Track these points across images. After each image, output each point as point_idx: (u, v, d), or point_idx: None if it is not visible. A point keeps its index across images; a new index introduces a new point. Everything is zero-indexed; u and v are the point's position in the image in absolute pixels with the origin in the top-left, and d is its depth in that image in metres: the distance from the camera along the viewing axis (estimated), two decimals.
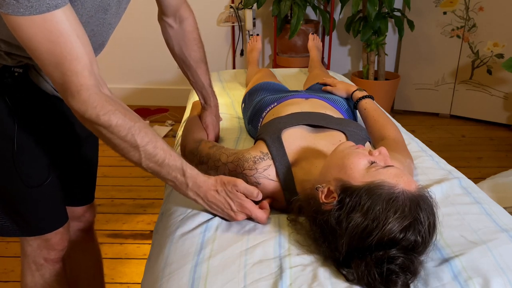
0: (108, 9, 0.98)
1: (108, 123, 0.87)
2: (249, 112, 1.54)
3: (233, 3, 3.46)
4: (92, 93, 0.85)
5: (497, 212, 1.05)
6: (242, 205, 0.98)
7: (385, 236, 0.80)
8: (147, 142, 0.91)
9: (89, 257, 1.48)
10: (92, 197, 1.38)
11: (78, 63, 0.83)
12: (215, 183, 0.98)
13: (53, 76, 0.84)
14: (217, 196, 0.98)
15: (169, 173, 0.96)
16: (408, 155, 1.21)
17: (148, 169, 0.95)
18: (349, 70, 3.72)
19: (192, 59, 1.32)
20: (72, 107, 0.87)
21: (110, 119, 0.87)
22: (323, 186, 0.92)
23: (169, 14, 1.25)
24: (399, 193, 0.83)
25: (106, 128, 0.88)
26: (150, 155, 0.92)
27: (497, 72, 3.24)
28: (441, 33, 3.34)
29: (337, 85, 1.57)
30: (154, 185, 2.52)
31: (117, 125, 0.88)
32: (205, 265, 0.87)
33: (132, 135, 0.90)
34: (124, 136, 0.89)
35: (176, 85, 3.71)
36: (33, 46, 0.80)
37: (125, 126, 0.89)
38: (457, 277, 0.83)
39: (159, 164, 0.94)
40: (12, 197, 1.09)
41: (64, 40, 0.80)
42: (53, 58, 0.81)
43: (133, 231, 2.12)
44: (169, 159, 0.95)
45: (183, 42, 1.29)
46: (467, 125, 3.39)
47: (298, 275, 0.84)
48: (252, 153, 1.11)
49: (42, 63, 0.82)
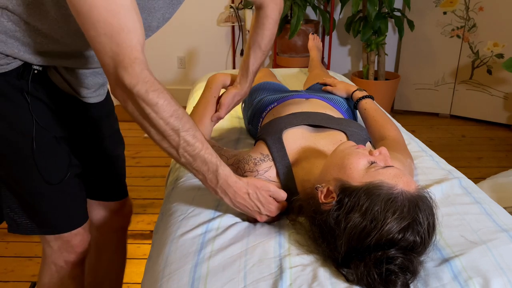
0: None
1: (155, 101, 0.86)
2: (249, 112, 1.54)
3: (233, 3, 3.46)
4: (144, 68, 0.85)
5: (497, 212, 1.05)
6: (271, 210, 0.99)
7: (383, 237, 0.80)
8: (188, 129, 0.90)
9: (119, 257, 1.49)
10: (124, 192, 1.41)
11: (134, 36, 0.83)
12: (246, 186, 0.97)
13: (105, 48, 0.82)
14: (247, 199, 0.97)
15: (201, 167, 0.94)
16: (408, 155, 1.21)
17: (182, 157, 0.93)
18: (349, 70, 3.72)
19: (252, 40, 1.32)
20: (122, 80, 0.85)
21: (159, 96, 0.86)
22: (323, 186, 0.92)
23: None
24: (398, 193, 0.83)
25: (151, 106, 0.86)
26: (188, 143, 0.90)
27: (497, 72, 3.24)
28: (441, 33, 3.34)
29: (337, 85, 1.57)
30: (154, 185, 2.52)
31: (163, 105, 0.86)
32: (205, 265, 0.87)
33: (176, 118, 0.88)
34: (167, 117, 0.87)
35: (176, 85, 3.71)
36: (92, 16, 0.79)
37: (170, 108, 0.87)
38: (457, 277, 0.83)
39: (194, 155, 0.92)
40: (31, 194, 1.08)
41: (124, 11, 0.81)
42: (110, 29, 0.80)
43: (133, 231, 2.12)
44: (205, 152, 0.93)
45: (256, 23, 1.30)
46: (467, 125, 3.39)
47: (298, 275, 0.84)
48: (252, 155, 1.11)
49: (97, 34, 0.81)
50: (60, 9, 0.93)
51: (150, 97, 0.85)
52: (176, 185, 1.20)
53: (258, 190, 0.97)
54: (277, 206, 0.99)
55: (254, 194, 0.96)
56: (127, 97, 0.87)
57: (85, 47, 1.03)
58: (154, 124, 0.88)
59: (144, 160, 2.84)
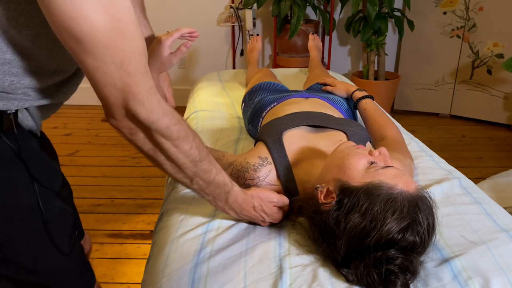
0: None
1: (176, 135, 0.75)
2: (249, 112, 1.54)
3: (233, 3, 3.46)
4: (160, 98, 0.71)
5: (497, 212, 1.05)
6: (275, 218, 1.00)
7: (383, 237, 0.80)
8: (205, 157, 0.83)
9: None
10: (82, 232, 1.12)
11: (144, 59, 0.67)
12: (252, 199, 0.96)
13: (113, 80, 0.66)
14: (253, 212, 0.97)
15: (213, 190, 0.89)
16: (408, 155, 1.21)
17: (195, 185, 0.86)
18: (349, 70, 3.72)
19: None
20: (136, 115, 0.70)
21: (180, 130, 0.75)
22: (323, 186, 0.92)
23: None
24: (398, 193, 0.83)
25: (172, 140, 0.75)
26: (205, 171, 0.84)
27: (497, 72, 3.24)
28: (441, 33, 3.34)
29: (337, 85, 1.57)
30: (154, 185, 2.52)
31: (184, 138, 0.77)
32: (205, 265, 0.87)
33: (195, 148, 0.79)
34: (188, 150, 0.78)
35: (176, 85, 3.71)
36: (98, 42, 0.62)
37: (189, 138, 0.78)
38: (457, 277, 0.83)
39: (209, 181, 0.86)
40: (43, 272, 0.87)
41: (132, 30, 0.64)
42: (122, 56, 0.64)
43: (133, 231, 2.12)
44: (219, 175, 0.87)
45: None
46: (467, 125, 3.38)
47: (298, 275, 0.84)
48: (250, 161, 1.10)
49: (103, 63, 0.64)
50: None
51: (171, 132, 0.74)
52: (176, 185, 1.20)
53: (263, 202, 0.97)
54: (281, 214, 1.00)
55: (260, 206, 0.97)
56: (138, 131, 0.74)
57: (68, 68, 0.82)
58: (172, 158, 0.79)
59: (144, 160, 2.82)
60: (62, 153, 2.78)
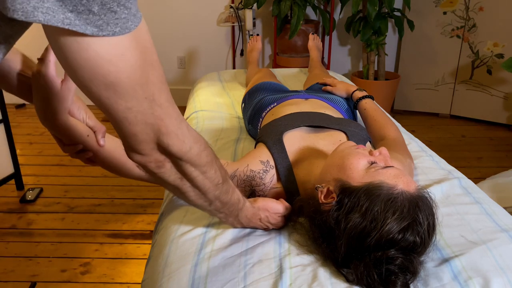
0: None
1: (205, 160, 0.71)
2: (249, 112, 1.54)
3: (233, 3, 3.46)
4: (187, 123, 0.67)
5: (497, 212, 1.05)
6: (278, 226, 1.01)
7: (383, 237, 0.80)
8: (225, 177, 0.80)
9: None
10: None
11: (167, 87, 0.60)
12: (259, 211, 0.97)
13: (144, 117, 0.58)
14: (258, 223, 0.98)
15: (227, 209, 0.89)
16: (408, 155, 1.21)
17: (212, 206, 0.84)
18: (349, 70, 3.72)
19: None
20: (168, 149, 0.64)
21: (208, 154, 0.72)
22: (323, 186, 0.92)
23: None
24: (398, 194, 0.83)
25: (201, 167, 0.71)
26: (225, 192, 0.82)
27: (497, 72, 3.24)
28: (441, 33, 3.34)
29: (337, 85, 1.57)
30: (154, 185, 2.52)
31: (210, 162, 0.73)
32: (205, 265, 0.87)
33: (218, 171, 0.76)
34: (213, 174, 0.75)
35: (176, 85, 3.71)
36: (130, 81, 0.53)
37: (213, 162, 0.75)
38: (457, 277, 0.83)
39: (226, 202, 0.85)
40: None
41: (156, 57, 0.56)
42: (151, 89, 0.56)
43: (133, 231, 2.12)
44: (234, 195, 0.87)
45: None
46: (467, 125, 3.39)
47: (298, 275, 0.84)
48: (254, 169, 1.09)
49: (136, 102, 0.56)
50: None
51: (201, 160, 0.71)
52: None
53: (269, 213, 0.98)
54: (284, 221, 1.01)
55: (266, 218, 0.98)
56: (166, 163, 0.68)
57: None
58: (198, 185, 0.75)
59: None
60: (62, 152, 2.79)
